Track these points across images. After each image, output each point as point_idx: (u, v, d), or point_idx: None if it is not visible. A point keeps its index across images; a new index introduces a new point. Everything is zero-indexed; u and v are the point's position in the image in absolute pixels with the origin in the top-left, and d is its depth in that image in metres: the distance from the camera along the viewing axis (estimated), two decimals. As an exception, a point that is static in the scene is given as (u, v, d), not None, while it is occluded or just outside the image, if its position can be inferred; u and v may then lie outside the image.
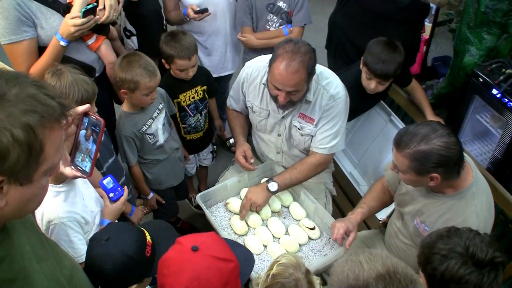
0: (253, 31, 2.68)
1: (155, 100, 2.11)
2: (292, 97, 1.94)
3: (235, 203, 2.15)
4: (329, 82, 2.06)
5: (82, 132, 1.18)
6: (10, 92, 0.79)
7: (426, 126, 1.56)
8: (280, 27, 2.65)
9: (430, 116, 2.52)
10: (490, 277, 1.28)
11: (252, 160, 2.20)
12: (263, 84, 2.10)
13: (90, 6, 1.90)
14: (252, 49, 2.68)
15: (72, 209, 1.52)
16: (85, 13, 1.88)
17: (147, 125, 2.14)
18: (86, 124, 1.17)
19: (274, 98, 1.99)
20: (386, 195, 2.02)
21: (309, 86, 1.98)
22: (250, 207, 2.07)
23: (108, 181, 1.66)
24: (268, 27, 2.67)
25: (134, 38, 2.59)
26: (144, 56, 2.04)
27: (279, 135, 2.20)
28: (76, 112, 1.14)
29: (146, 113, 2.14)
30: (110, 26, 2.23)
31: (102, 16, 1.97)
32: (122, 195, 1.69)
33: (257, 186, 2.13)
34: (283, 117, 2.13)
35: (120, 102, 2.59)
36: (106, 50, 2.16)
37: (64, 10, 1.94)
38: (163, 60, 2.31)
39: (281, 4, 2.60)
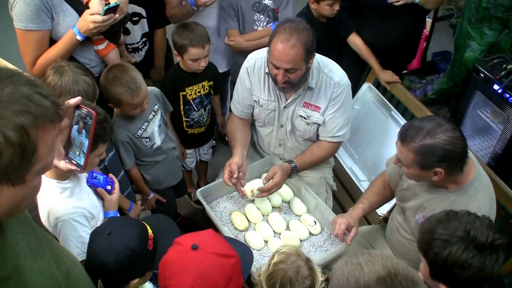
0: (240, 34, 2.61)
1: (148, 104, 2.02)
2: (290, 76, 1.91)
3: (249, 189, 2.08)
4: (331, 69, 2.06)
5: (75, 125, 1.16)
6: (3, 92, 0.78)
7: (431, 121, 1.55)
8: (267, 25, 2.60)
9: (379, 70, 2.58)
10: (491, 260, 1.28)
11: (235, 175, 2.03)
12: (266, 73, 2.08)
13: (113, 4, 1.89)
14: (243, 52, 2.55)
15: (79, 204, 1.52)
16: (107, 11, 1.88)
17: (143, 128, 2.08)
18: (77, 117, 1.16)
19: (274, 80, 1.97)
20: (387, 190, 2.02)
21: (308, 67, 1.95)
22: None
23: (96, 177, 1.64)
24: (256, 27, 2.60)
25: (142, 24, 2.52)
26: (128, 70, 1.92)
27: (281, 126, 2.19)
28: (67, 105, 1.12)
29: (141, 116, 2.06)
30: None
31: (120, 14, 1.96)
32: (114, 182, 1.69)
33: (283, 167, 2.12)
34: (285, 107, 2.11)
35: None
36: (113, 59, 2.13)
37: (82, 10, 1.94)
38: (175, 52, 2.27)
39: (266, 2, 2.53)
